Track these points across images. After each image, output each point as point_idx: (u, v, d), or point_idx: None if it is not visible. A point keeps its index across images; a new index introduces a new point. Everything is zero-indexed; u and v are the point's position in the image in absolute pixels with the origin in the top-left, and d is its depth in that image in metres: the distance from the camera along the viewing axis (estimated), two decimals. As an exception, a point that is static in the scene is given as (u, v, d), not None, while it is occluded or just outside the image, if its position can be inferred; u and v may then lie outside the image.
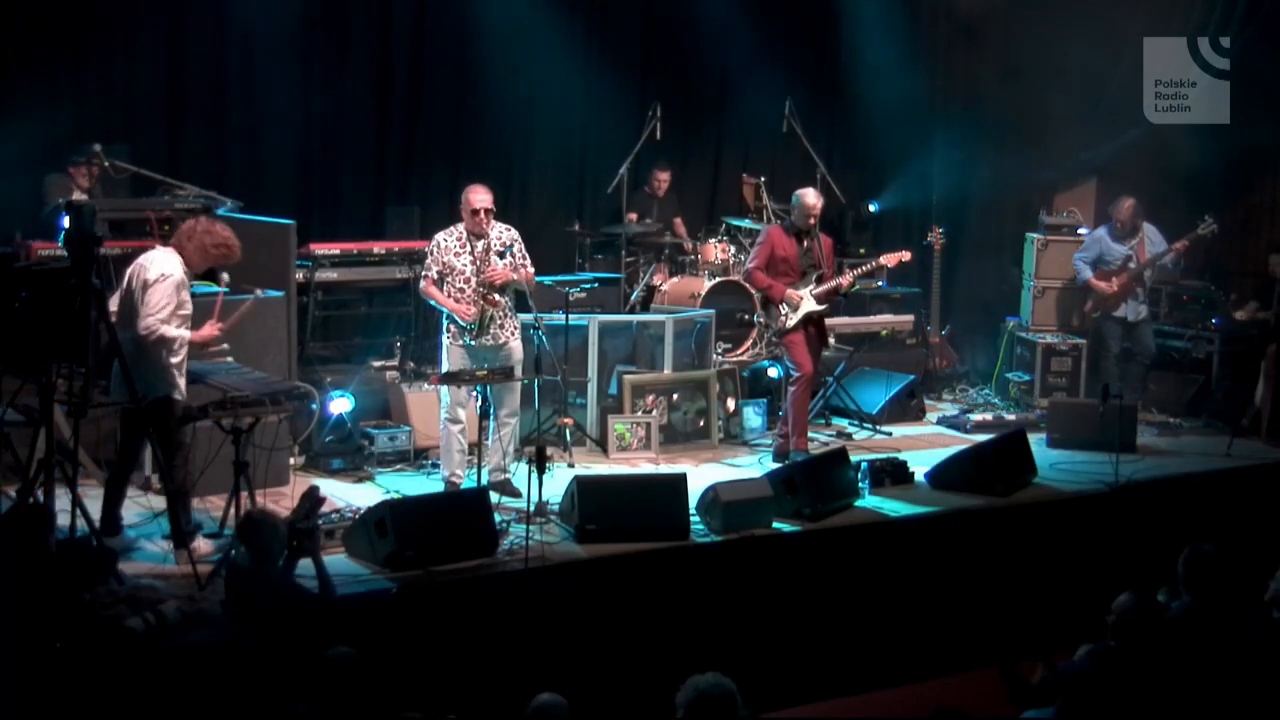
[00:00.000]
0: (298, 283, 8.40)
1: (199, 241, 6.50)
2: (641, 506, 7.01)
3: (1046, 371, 10.29)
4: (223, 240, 6.56)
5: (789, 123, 10.79)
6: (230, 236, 6.61)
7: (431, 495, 7.26)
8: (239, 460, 6.35)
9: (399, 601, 6.14)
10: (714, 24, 11.39)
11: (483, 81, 10.74)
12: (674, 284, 10.36)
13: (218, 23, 9.67)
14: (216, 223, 6.73)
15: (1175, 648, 5.17)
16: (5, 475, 6.57)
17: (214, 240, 6.53)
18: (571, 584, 6.62)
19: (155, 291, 6.33)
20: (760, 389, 9.60)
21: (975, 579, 7.62)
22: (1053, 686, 5.19)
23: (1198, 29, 10.40)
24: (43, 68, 9.18)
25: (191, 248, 6.51)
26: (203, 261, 6.56)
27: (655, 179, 10.98)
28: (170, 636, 5.39)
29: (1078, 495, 8.15)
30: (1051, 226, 10.85)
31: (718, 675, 4.36)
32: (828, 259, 8.58)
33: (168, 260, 6.46)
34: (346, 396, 8.09)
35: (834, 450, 8.15)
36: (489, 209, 7.56)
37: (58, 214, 7.83)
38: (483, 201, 7.55)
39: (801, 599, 7.16)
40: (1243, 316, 10.54)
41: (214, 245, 6.53)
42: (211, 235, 6.54)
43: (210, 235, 6.53)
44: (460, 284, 7.55)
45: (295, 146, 10.07)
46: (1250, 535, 7.73)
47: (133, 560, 6.43)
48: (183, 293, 6.46)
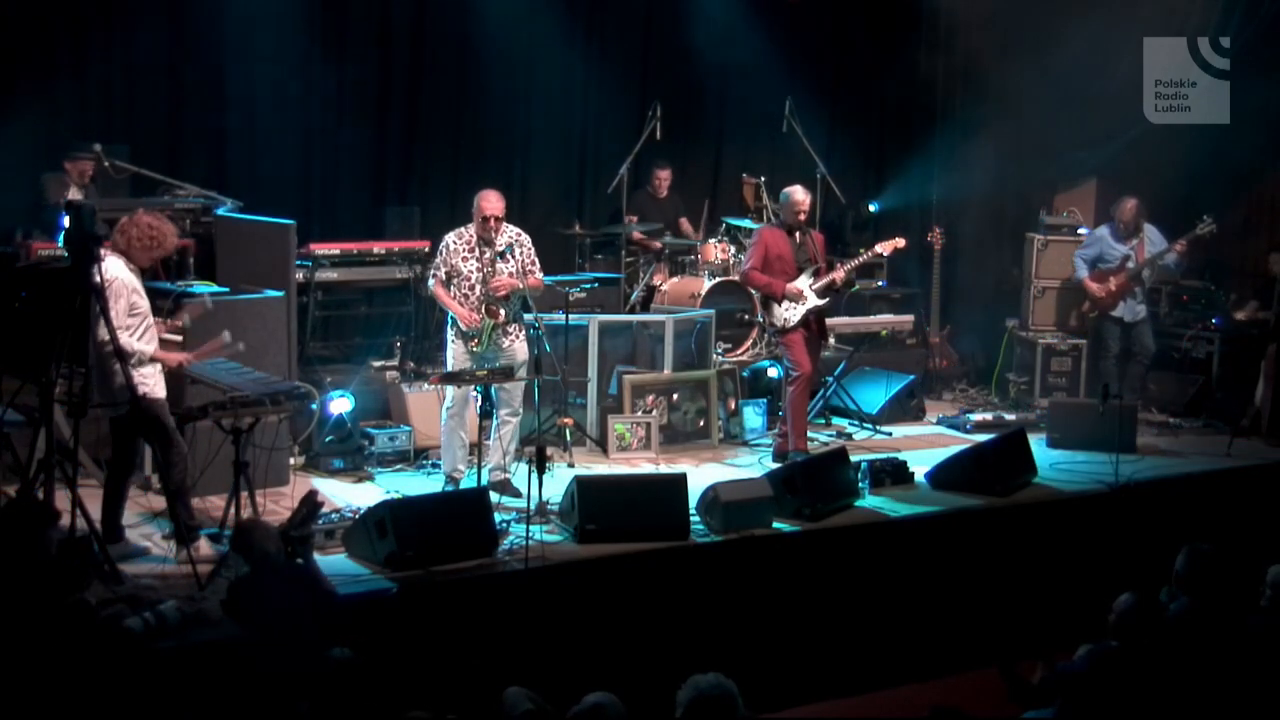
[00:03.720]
0: (298, 283, 8.40)
1: (130, 236, 6.43)
2: (641, 506, 7.01)
3: (1046, 371, 10.30)
4: (147, 228, 6.45)
5: (789, 123, 10.80)
6: (156, 223, 6.50)
7: (431, 495, 7.26)
8: (239, 460, 6.36)
9: (399, 601, 6.14)
10: (714, 24, 11.38)
11: (483, 81, 10.75)
12: (674, 284, 10.36)
13: (218, 23, 9.67)
14: (144, 213, 6.59)
15: (1175, 647, 5.17)
16: (5, 475, 6.57)
17: (140, 232, 6.43)
18: (571, 584, 6.62)
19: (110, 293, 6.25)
20: (760, 389, 9.60)
21: (975, 579, 7.62)
22: (1053, 686, 5.19)
23: (1198, 29, 10.39)
24: (43, 68, 9.19)
25: (124, 243, 6.43)
26: (144, 255, 6.48)
27: (656, 178, 10.98)
28: (170, 636, 5.40)
29: (1078, 495, 8.14)
30: (1051, 226, 10.85)
31: (718, 675, 4.36)
32: (821, 253, 8.59)
33: (113, 264, 6.34)
34: (346, 396, 8.10)
35: (834, 450, 8.15)
36: (499, 217, 7.55)
37: (57, 213, 7.84)
38: (494, 209, 7.54)
39: (801, 599, 7.16)
40: (1243, 316, 10.54)
41: (140, 237, 6.43)
42: (138, 227, 6.44)
43: (137, 227, 6.44)
44: (465, 289, 7.55)
45: (295, 146, 10.06)
46: (1250, 535, 7.74)
47: (133, 560, 6.43)
48: (134, 296, 6.38)
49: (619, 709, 4.37)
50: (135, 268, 6.46)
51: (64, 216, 6.20)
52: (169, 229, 6.59)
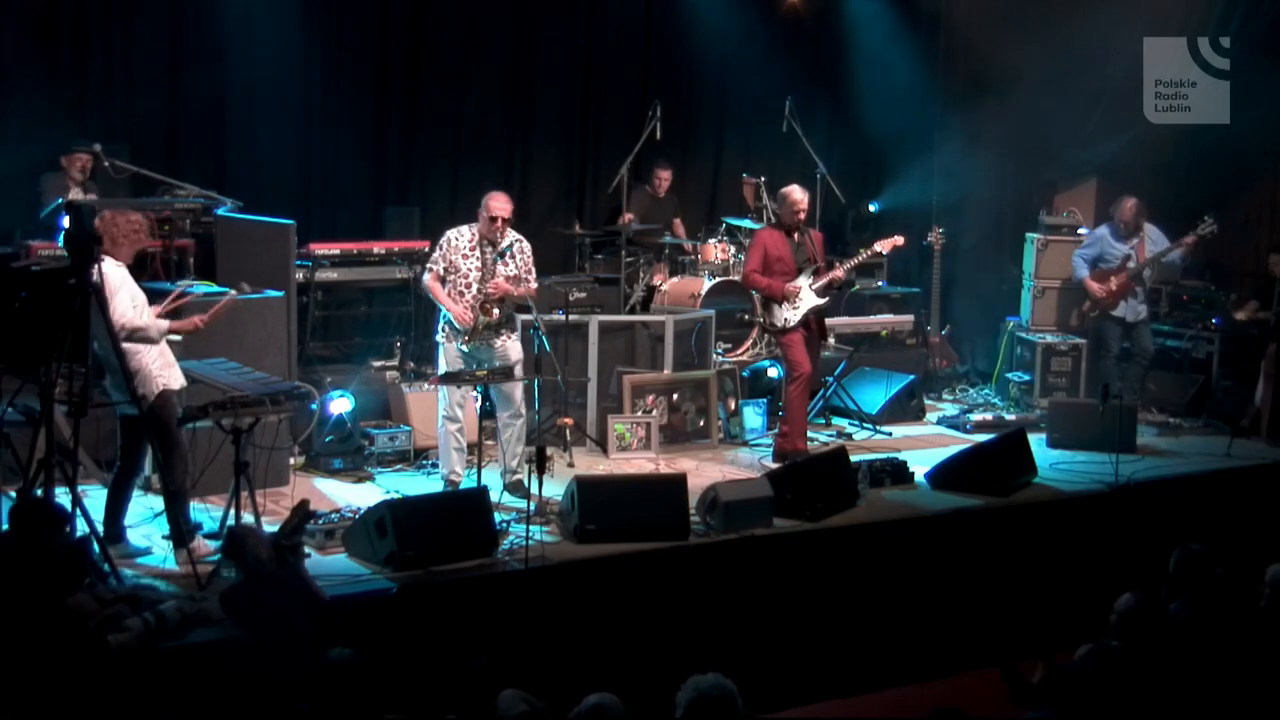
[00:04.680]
0: (298, 283, 8.40)
1: (112, 234, 6.44)
2: (641, 506, 7.01)
3: (1046, 371, 10.29)
4: (126, 222, 6.50)
5: (789, 123, 10.80)
6: (130, 217, 6.54)
7: (431, 495, 7.25)
8: (239, 460, 6.35)
9: (399, 601, 6.14)
10: (714, 23, 11.39)
11: (483, 81, 10.74)
12: (674, 284, 10.36)
13: (218, 24, 9.67)
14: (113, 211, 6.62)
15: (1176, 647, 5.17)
16: (5, 475, 6.57)
17: (122, 230, 6.47)
18: (571, 584, 6.62)
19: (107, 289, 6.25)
20: (760, 389, 9.60)
21: (975, 579, 7.61)
22: (1053, 686, 5.19)
23: (1198, 29, 10.39)
24: (43, 69, 9.19)
25: (109, 242, 6.43)
26: (127, 250, 6.50)
27: (657, 177, 10.98)
28: (170, 637, 5.39)
29: (1078, 495, 8.14)
30: (1051, 226, 10.86)
31: (718, 675, 4.36)
32: (820, 253, 8.59)
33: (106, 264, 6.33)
34: (346, 396, 8.10)
35: (834, 450, 8.15)
36: (506, 219, 7.56)
37: (56, 213, 7.84)
38: (501, 210, 7.54)
39: (801, 599, 7.16)
40: (1243, 316, 10.54)
41: (125, 232, 6.47)
42: (118, 225, 6.47)
43: (116, 226, 6.46)
44: (462, 286, 7.55)
45: (295, 146, 10.06)
46: (1250, 535, 7.74)
47: (133, 560, 6.43)
48: (129, 283, 6.41)
49: (619, 709, 4.37)
50: (123, 265, 6.49)
51: (64, 217, 6.20)
52: (142, 221, 6.64)
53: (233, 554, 5.69)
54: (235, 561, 5.67)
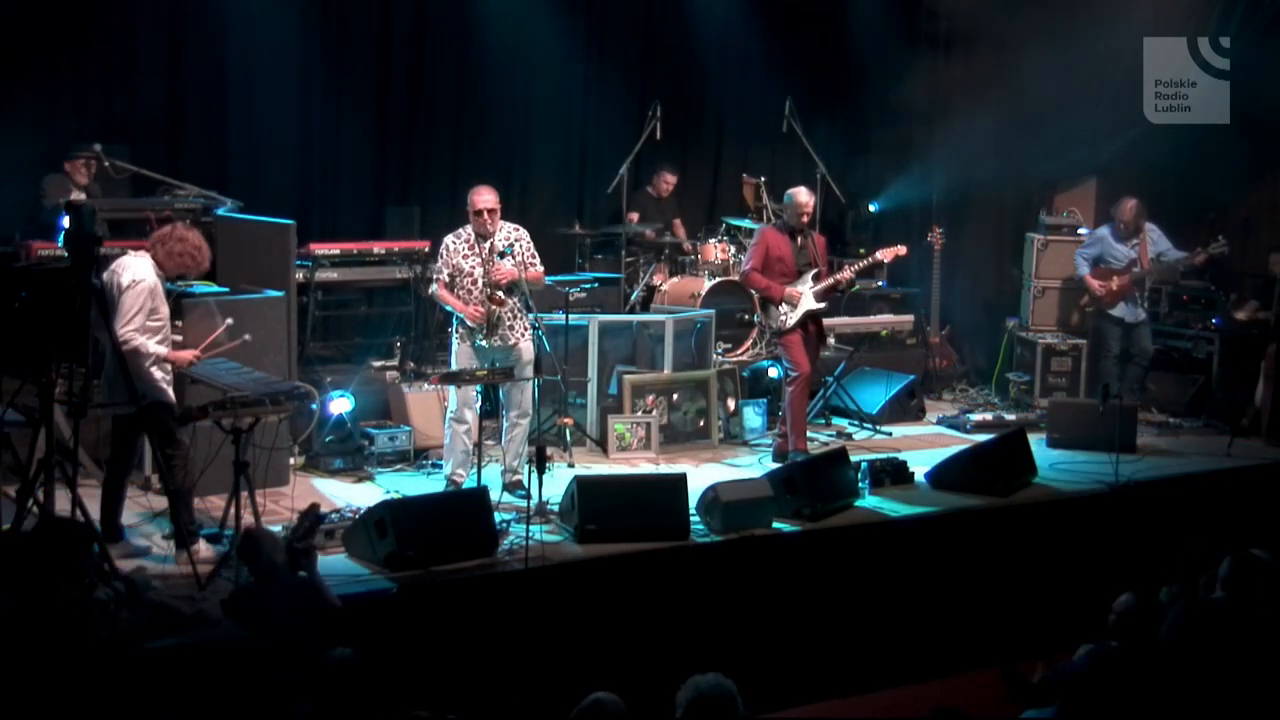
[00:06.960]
0: (298, 283, 8.40)
1: (170, 248, 6.53)
2: (641, 506, 7.01)
3: (1046, 371, 10.30)
4: (192, 248, 6.58)
5: (789, 123, 10.79)
6: (199, 245, 6.63)
7: (431, 495, 7.25)
8: (239, 460, 6.34)
9: (399, 601, 6.14)
10: (714, 24, 11.38)
11: (483, 82, 10.75)
12: (674, 284, 10.36)
13: (218, 23, 9.68)
14: (191, 230, 6.74)
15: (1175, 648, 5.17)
16: (5, 475, 6.57)
17: (182, 248, 6.55)
18: (571, 584, 6.62)
19: (128, 297, 6.35)
20: (760, 389, 9.60)
21: (975, 579, 7.62)
22: (1053, 686, 5.19)
23: (1198, 29, 10.39)
24: (43, 69, 9.19)
25: (163, 253, 6.53)
26: (173, 267, 6.58)
27: (662, 180, 10.98)
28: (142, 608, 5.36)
29: (1078, 495, 8.14)
30: (1051, 226, 10.86)
31: (718, 675, 4.36)
32: (822, 256, 8.59)
33: (141, 265, 6.47)
34: (346, 396, 8.09)
35: (834, 450, 8.15)
36: (493, 209, 7.56)
37: (57, 214, 7.84)
38: (486, 202, 7.55)
39: (801, 599, 7.16)
40: (1243, 316, 10.53)
41: (181, 253, 6.55)
42: (183, 242, 6.55)
43: (181, 242, 6.55)
44: (468, 285, 7.55)
45: (295, 146, 10.07)
46: (1250, 535, 7.73)
47: (133, 560, 6.43)
48: (155, 299, 6.47)
49: (619, 708, 4.37)
50: (161, 275, 6.53)
51: (64, 217, 6.20)
52: (207, 253, 6.73)
53: (247, 556, 5.67)
54: (249, 564, 5.65)
